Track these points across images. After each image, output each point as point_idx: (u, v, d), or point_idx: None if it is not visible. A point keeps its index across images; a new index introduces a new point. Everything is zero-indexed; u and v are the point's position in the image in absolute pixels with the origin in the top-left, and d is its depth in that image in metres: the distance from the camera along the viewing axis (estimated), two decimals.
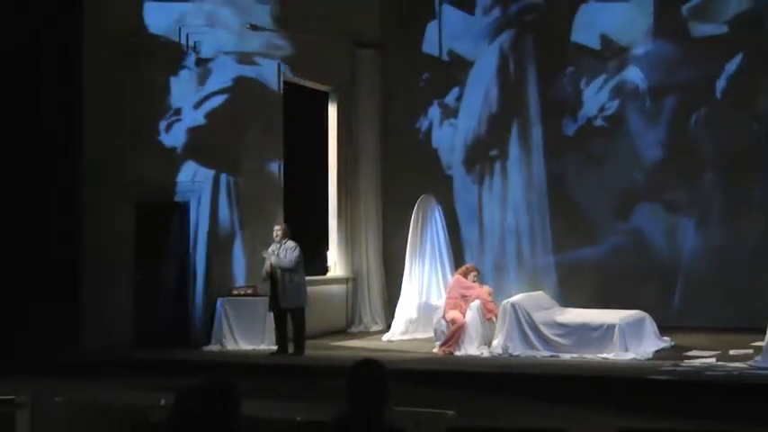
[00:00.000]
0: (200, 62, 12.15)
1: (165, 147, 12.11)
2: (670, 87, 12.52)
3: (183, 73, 12.11)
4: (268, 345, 11.26)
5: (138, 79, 11.82)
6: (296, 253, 10.78)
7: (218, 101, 12.21)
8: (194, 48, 12.10)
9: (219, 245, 12.18)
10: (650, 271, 12.25)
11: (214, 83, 12.24)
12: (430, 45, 14.03)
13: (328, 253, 13.81)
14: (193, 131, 12.16)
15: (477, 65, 13.77)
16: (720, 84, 12.22)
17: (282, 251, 10.77)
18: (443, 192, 13.41)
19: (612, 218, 12.78)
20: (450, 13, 13.92)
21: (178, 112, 12.14)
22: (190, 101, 12.15)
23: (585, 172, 12.99)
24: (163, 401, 6.84)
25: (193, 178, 12.12)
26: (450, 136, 13.92)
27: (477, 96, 13.75)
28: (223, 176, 12.25)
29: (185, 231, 12.13)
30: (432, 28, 14.01)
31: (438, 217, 12.81)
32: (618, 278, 12.31)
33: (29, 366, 9.87)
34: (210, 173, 12.22)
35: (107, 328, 11.77)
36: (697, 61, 12.30)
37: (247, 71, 12.40)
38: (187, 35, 12.09)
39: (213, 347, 11.57)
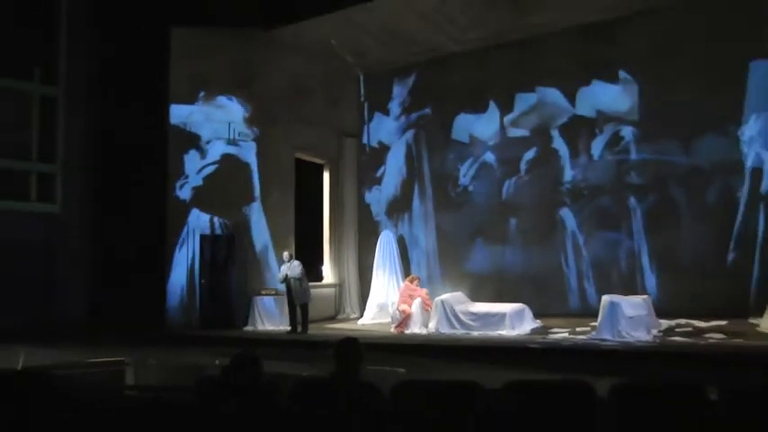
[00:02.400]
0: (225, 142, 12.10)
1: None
2: (504, 163, 12.56)
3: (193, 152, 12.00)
4: (285, 326, 11.13)
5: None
6: (300, 268, 10.74)
7: (239, 172, 12.05)
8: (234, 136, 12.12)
9: (253, 262, 12.06)
10: (523, 278, 12.07)
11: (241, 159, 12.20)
12: (371, 138, 14.16)
13: (322, 267, 13.69)
14: (203, 188, 12.09)
15: (392, 150, 13.79)
16: (523, 164, 12.36)
17: (292, 268, 10.73)
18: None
19: (477, 245, 12.69)
20: (377, 118, 14.04)
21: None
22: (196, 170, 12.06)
23: (457, 217, 12.95)
24: (217, 362, 6.74)
25: (222, 220, 12.02)
26: (377, 196, 13.94)
27: (393, 170, 13.76)
28: (255, 218, 12.13)
29: (232, 253, 11.99)
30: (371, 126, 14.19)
31: (393, 244, 12.82)
32: (505, 283, 12.15)
33: (132, 339, 9.78)
34: (248, 216, 12.11)
35: (182, 315, 11.68)
36: (513, 150, 12.44)
37: (266, 151, 12.32)
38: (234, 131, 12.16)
39: (249, 328, 11.45)
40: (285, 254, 11.09)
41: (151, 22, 11.51)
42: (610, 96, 11.58)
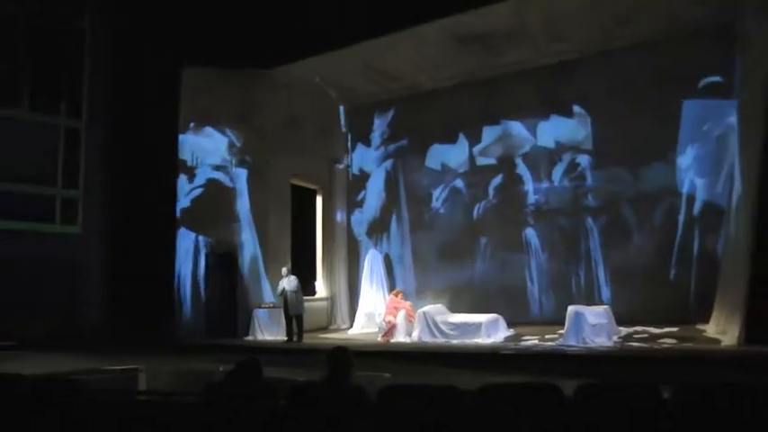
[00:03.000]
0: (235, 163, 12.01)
1: (226, 220, 11.92)
2: (474, 188, 12.58)
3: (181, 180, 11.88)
4: (282, 336, 11.00)
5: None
6: (296, 282, 10.70)
7: (227, 195, 11.88)
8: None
9: (254, 278, 11.91)
10: (493, 291, 12.00)
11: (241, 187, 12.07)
12: (353, 166, 14.11)
13: (316, 282, 13.54)
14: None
15: (373, 177, 13.77)
16: (491, 189, 12.39)
17: (289, 282, 10.67)
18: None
19: (451, 261, 12.58)
20: (360, 148, 14.00)
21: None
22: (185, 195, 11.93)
23: (431, 236, 12.92)
24: (221, 368, 6.62)
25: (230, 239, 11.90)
26: (359, 218, 13.87)
27: (374, 195, 13.73)
28: (247, 238, 11.98)
29: (235, 269, 11.84)
30: (354, 155, 14.12)
31: (380, 260, 12.75)
32: (476, 296, 12.07)
33: (145, 348, 9.62)
34: (249, 237, 11.97)
35: (190, 325, 11.51)
36: (482, 176, 12.48)
37: (269, 178, 12.21)
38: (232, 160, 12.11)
39: (250, 338, 11.29)
40: (283, 269, 11.02)
41: (165, 63, 11.52)
42: (566, 129, 11.70)
